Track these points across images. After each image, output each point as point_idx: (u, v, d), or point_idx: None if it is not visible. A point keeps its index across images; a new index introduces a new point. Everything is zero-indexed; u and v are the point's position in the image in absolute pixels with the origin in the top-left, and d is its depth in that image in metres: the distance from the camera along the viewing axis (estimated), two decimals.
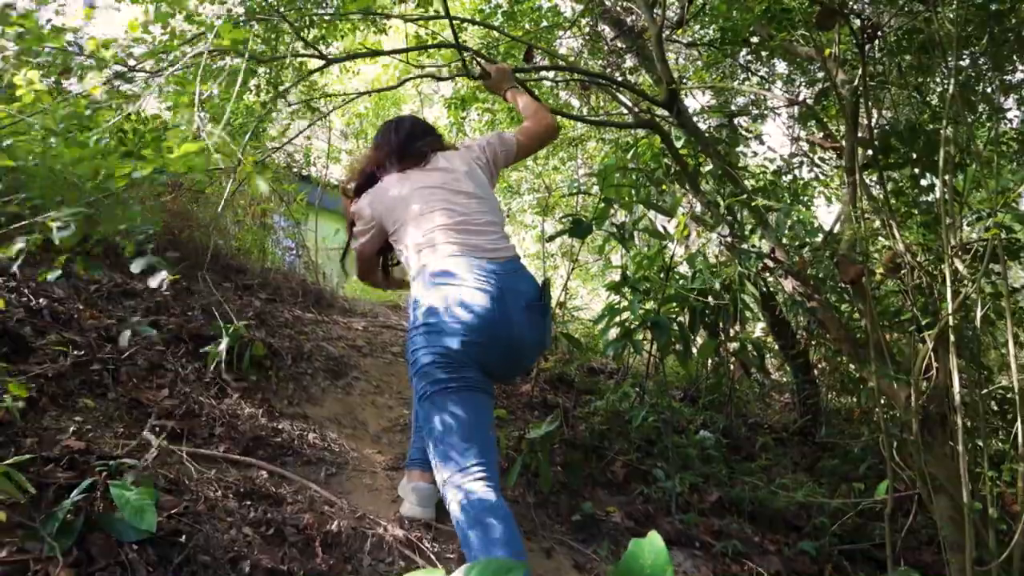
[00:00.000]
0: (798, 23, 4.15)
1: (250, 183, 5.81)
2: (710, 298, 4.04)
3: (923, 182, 3.67)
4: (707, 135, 4.17)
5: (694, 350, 4.22)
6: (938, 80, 4.36)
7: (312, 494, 2.49)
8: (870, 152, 3.55)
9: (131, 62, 2.88)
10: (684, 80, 5.70)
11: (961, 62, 4.06)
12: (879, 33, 3.58)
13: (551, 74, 5.00)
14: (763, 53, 4.88)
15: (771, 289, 4.91)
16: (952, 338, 2.64)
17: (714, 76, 5.79)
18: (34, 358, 2.65)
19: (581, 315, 6.29)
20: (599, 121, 5.43)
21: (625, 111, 5.42)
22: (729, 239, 3.79)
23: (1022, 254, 3.25)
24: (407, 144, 2.59)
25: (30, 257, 3.77)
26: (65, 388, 2.56)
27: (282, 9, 3.67)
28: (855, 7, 3.88)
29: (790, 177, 5.08)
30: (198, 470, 2.34)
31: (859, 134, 3.52)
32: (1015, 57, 3.99)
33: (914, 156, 3.48)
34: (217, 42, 2.53)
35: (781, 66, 6.02)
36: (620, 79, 4.92)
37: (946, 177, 2.95)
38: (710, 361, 4.64)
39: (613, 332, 4.01)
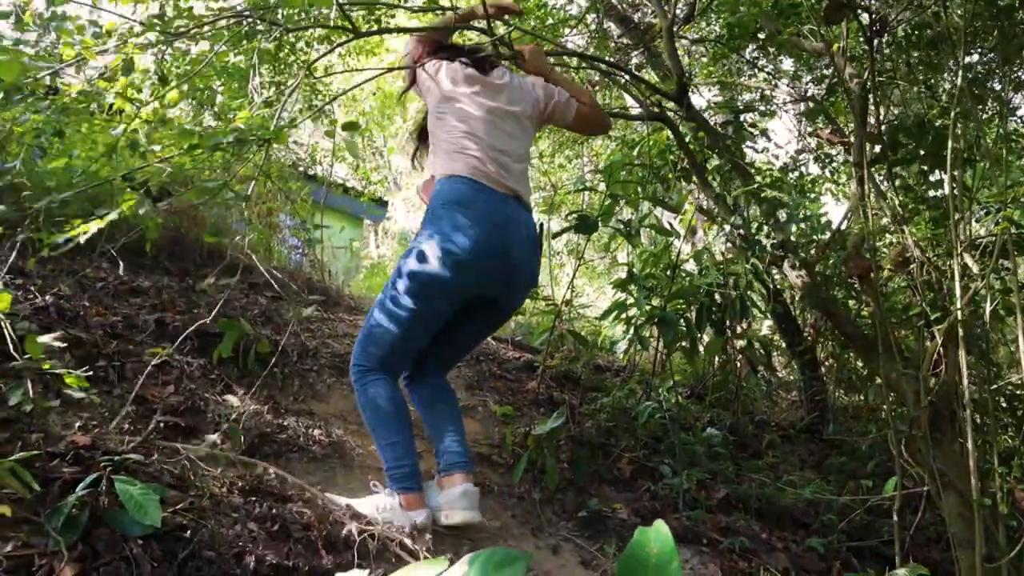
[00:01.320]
0: (805, 18, 4.13)
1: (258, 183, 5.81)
2: (717, 295, 4.03)
3: (932, 178, 3.65)
4: (715, 129, 4.15)
5: (700, 347, 4.21)
6: (947, 75, 4.33)
7: (317, 489, 2.48)
8: (879, 148, 3.53)
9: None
10: (691, 76, 5.68)
11: (970, 57, 4.04)
12: (887, 28, 3.57)
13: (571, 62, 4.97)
14: (770, 49, 4.87)
15: (778, 286, 4.89)
16: (961, 334, 2.62)
17: (720, 72, 5.77)
18: None
19: (587, 313, 6.26)
20: (609, 114, 5.40)
21: (633, 106, 5.40)
22: (740, 231, 3.78)
23: None
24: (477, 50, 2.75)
25: (37, 254, 3.79)
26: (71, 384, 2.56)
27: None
28: (863, 2, 3.86)
29: (797, 174, 5.07)
30: (203, 466, 2.34)
31: (867, 129, 3.50)
32: None
33: (923, 152, 3.46)
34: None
35: (788, 63, 6.00)
36: (630, 72, 4.87)
37: (955, 172, 2.93)
38: (717, 358, 4.62)
39: (620, 330, 4.00)
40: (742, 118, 4.47)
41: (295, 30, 3.32)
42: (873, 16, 3.32)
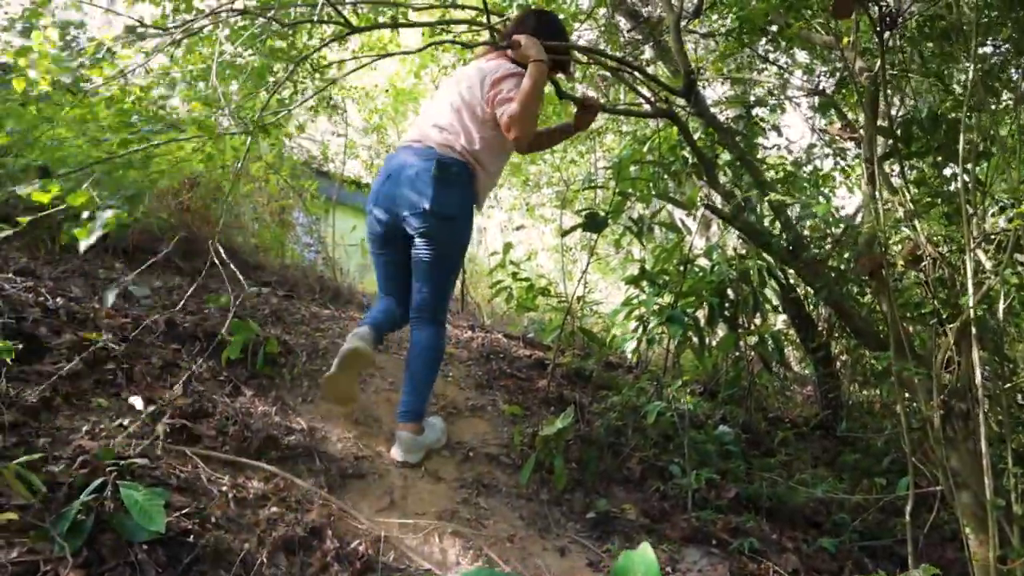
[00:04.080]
0: (816, 11, 4.07)
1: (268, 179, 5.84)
2: (729, 291, 3.99)
3: (945, 171, 3.59)
4: (725, 125, 4.11)
5: (712, 343, 4.17)
6: (960, 67, 4.26)
7: (324, 493, 2.48)
8: (891, 141, 3.48)
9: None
10: (701, 71, 5.63)
11: (984, 49, 3.97)
12: (899, 20, 3.51)
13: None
14: (781, 42, 4.81)
15: (792, 281, 4.84)
16: (975, 330, 2.58)
17: (731, 67, 5.71)
18: (49, 358, 2.67)
19: (600, 309, 6.23)
20: (616, 110, 5.36)
21: (642, 101, 5.34)
22: (749, 227, 3.73)
23: None
24: None
25: (49, 255, 3.82)
26: (79, 388, 2.57)
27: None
28: None
29: (810, 168, 5.00)
30: (209, 470, 2.35)
31: (879, 123, 3.45)
32: None
33: (935, 145, 3.41)
34: None
35: (801, 55, 5.93)
36: (637, 66, 4.82)
37: (968, 166, 2.88)
38: (730, 355, 4.58)
39: (630, 327, 3.97)
40: (753, 112, 4.42)
41: (292, 24, 3.38)
42: (884, 8, 3.27)
